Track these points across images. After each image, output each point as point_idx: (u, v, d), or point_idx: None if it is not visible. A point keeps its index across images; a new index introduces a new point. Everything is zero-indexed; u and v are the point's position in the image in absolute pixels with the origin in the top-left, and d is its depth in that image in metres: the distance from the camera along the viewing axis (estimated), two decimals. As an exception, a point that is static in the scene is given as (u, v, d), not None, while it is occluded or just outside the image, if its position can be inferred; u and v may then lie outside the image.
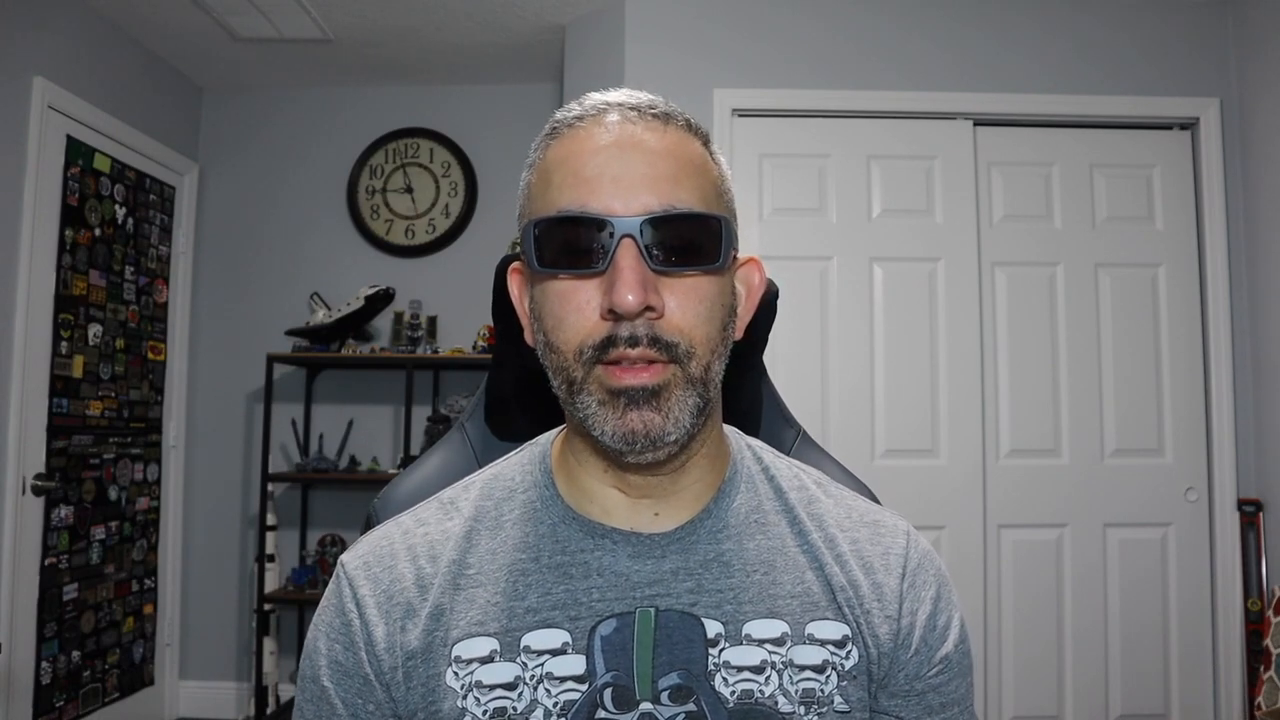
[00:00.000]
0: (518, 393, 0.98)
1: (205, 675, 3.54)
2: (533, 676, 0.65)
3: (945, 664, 0.72)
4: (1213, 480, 2.76)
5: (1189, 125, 2.86)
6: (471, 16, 3.10)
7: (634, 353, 0.62)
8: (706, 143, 0.70)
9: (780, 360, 2.66)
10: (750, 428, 0.92)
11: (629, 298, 0.60)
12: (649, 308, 0.61)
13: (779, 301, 1.00)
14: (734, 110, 2.82)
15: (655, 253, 0.62)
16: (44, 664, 2.77)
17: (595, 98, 0.69)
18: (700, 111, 2.73)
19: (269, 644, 3.26)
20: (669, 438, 0.64)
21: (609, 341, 0.62)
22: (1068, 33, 2.86)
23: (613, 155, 0.64)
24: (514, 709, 0.65)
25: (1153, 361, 2.81)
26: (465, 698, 0.65)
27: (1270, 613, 2.52)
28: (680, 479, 0.70)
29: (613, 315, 0.62)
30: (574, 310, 0.64)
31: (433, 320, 3.52)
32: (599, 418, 0.64)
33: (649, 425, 0.63)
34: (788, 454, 0.85)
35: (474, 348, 3.41)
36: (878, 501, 0.82)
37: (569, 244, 0.64)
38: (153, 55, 3.40)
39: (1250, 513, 2.69)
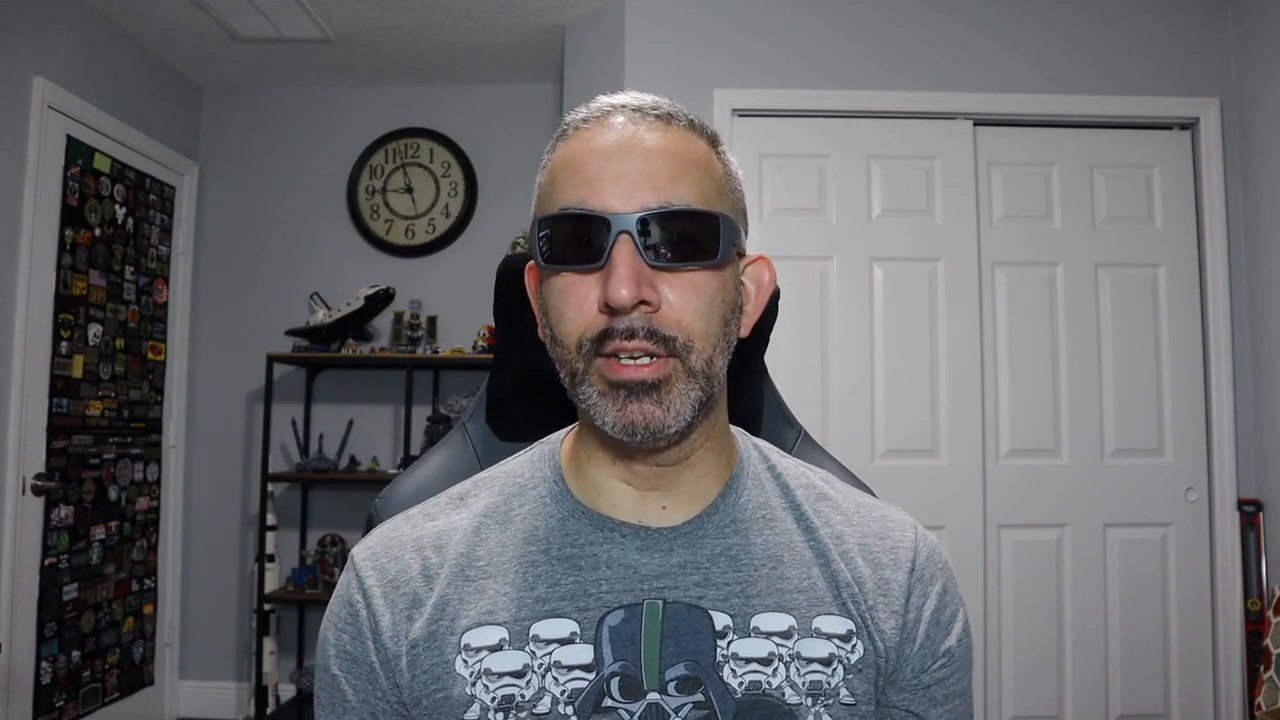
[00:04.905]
0: (519, 393, 0.98)
1: (205, 675, 3.54)
2: (541, 665, 0.67)
3: (949, 657, 0.73)
4: (1213, 480, 2.76)
5: (1189, 125, 2.86)
6: (471, 16, 3.10)
7: (631, 344, 0.64)
8: (714, 142, 0.72)
9: (780, 360, 2.66)
10: (752, 428, 0.92)
11: (622, 292, 0.62)
12: (643, 302, 0.63)
13: (779, 301, 1.00)
14: (734, 110, 2.82)
15: (652, 248, 0.64)
16: (44, 664, 2.77)
17: (602, 100, 0.71)
18: (700, 111, 2.72)
19: (269, 644, 3.26)
20: (669, 429, 0.65)
21: (606, 334, 0.64)
22: (1068, 33, 2.86)
23: (613, 155, 0.66)
24: (522, 696, 0.66)
25: (1153, 361, 2.81)
26: (474, 685, 0.66)
27: (1270, 613, 2.52)
28: (686, 472, 0.71)
29: (609, 309, 0.64)
30: (574, 304, 0.66)
31: (433, 320, 3.52)
32: (600, 408, 0.66)
33: (649, 418, 0.65)
34: (789, 454, 0.86)
35: (474, 348, 3.41)
36: None
37: (571, 240, 0.66)
38: (153, 55, 3.40)
39: (1250, 513, 2.69)
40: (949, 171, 2.82)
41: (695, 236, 0.66)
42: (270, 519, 3.30)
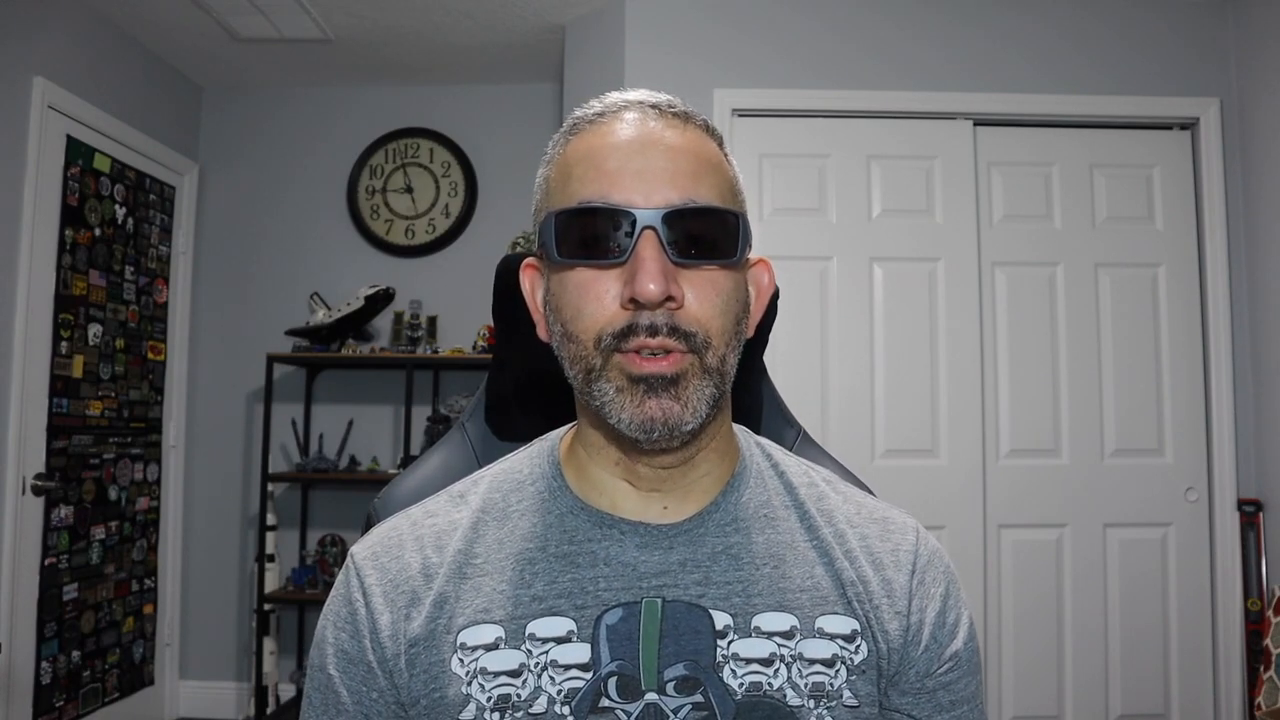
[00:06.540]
0: (518, 393, 0.98)
1: (205, 675, 3.54)
2: (537, 664, 0.65)
3: (955, 661, 0.72)
4: (1213, 480, 2.76)
5: (1189, 125, 2.86)
6: (471, 16, 3.10)
7: (654, 341, 0.63)
8: (721, 145, 0.72)
9: (780, 360, 2.66)
10: (751, 427, 0.92)
11: (651, 287, 0.61)
12: (670, 297, 0.62)
13: (779, 301, 1.00)
14: (734, 110, 2.82)
15: (675, 245, 0.63)
16: (44, 664, 2.77)
17: (615, 96, 0.70)
18: (700, 111, 2.73)
19: (269, 644, 3.26)
20: (686, 426, 0.64)
21: (629, 330, 0.63)
22: (1068, 33, 2.86)
23: (634, 150, 0.66)
24: (518, 696, 0.65)
25: (1153, 361, 2.81)
26: (470, 684, 0.66)
27: (1270, 613, 2.52)
28: (689, 473, 0.71)
29: (633, 304, 0.63)
30: (593, 300, 0.64)
31: (433, 320, 3.52)
32: (616, 404, 0.64)
33: (668, 413, 0.64)
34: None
35: (474, 348, 3.41)
36: None
37: (590, 235, 0.64)
38: (153, 55, 3.40)
39: (1250, 513, 2.69)
40: (949, 171, 2.82)
41: (716, 235, 0.65)
42: (270, 519, 3.30)
